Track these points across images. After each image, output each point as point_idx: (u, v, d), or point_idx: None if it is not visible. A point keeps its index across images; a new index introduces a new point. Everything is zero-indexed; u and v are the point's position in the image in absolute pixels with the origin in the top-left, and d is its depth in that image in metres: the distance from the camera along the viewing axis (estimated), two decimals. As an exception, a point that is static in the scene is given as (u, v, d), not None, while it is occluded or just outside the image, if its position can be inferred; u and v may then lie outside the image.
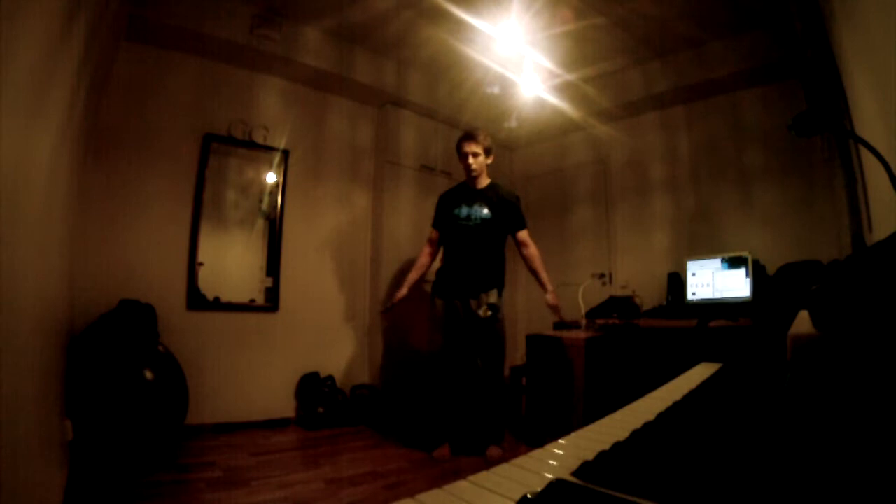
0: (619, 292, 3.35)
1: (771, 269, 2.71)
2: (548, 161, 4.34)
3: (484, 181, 2.56)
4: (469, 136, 2.50)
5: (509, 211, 2.53)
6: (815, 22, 1.91)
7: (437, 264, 2.65)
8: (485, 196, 2.52)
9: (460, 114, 3.80)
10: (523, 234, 2.54)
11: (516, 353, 3.64)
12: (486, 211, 2.48)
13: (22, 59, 0.82)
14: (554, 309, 2.54)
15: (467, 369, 2.42)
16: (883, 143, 1.01)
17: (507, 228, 2.54)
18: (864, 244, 1.75)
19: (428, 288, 2.71)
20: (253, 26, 2.78)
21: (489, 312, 2.41)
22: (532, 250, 2.53)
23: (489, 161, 2.55)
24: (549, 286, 2.50)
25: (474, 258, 2.46)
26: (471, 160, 2.48)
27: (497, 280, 2.49)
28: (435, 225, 2.63)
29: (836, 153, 2.23)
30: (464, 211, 2.49)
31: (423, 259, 2.61)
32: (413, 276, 2.58)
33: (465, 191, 2.57)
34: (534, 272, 2.54)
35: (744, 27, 2.88)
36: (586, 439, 0.58)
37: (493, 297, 2.44)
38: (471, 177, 2.54)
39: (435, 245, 2.63)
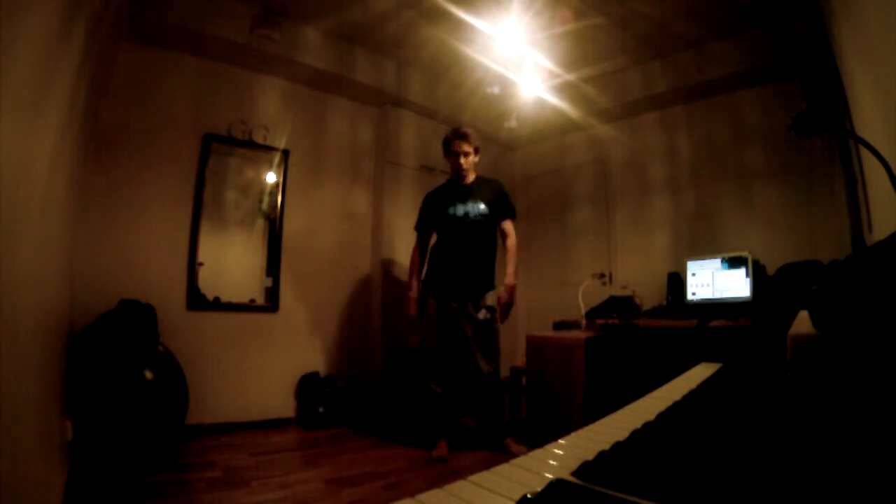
0: (619, 292, 3.35)
1: (771, 269, 2.71)
2: (548, 161, 4.34)
3: (471, 177, 2.55)
4: (461, 136, 2.48)
5: (502, 201, 2.53)
6: (815, 22, 1.91)
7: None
8: (477, 191, 2.52)
9: (460, 114, 3.80)
10: (509, 225, 2.52)
11: (516, 354, 3.64)
12: (482, 206, 2.48)
13: (22, 59, 0.82)
14: (503, 305, 2.42)
15: (466, 369, 2.44)
16: (883, 143, 1.01)
17: (496, 218, 2.52)
18: (864, 244, 1.75)
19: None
20: (253, 26, 2.78)
21: (489, 315, 2.45)
22: (511, 240, 2.51)
23: (477, 159, 2.54)
24: (513, 279, 2.44)
25: (474, 257, 2.47)
26: (462, 160, 2.47)
27: (491, 281, 2.53)
28: (421, 227, 2.60)
29: (836, 153, 2.23)
30: (460, 209, 2.47)
31: (415, 266, 2.58)
32: (415, 282, 2.55)
33: (455, 188, 2.54)
34: (507, 262, 2.49)
35: (744, 27, 2.88)
36: (586, 439, 0.58)
37: (490, 300, 2.49)
38: (460, 175, 2.52)
39: (423, 249, 2.61)
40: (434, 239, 2.62)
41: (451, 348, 2.44)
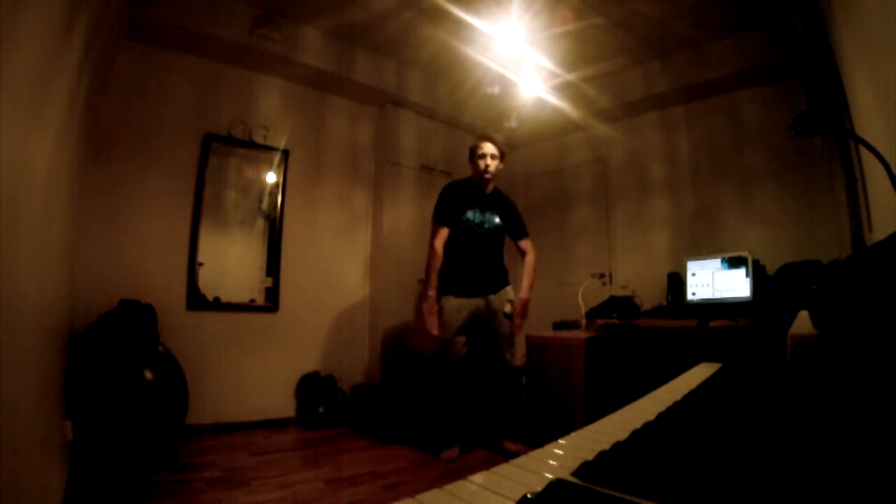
0: (619, 292, 3.35)
1: (771, 269, 2.71)
2: (548, 161, 4.33)
3: (491, 186, 2.55)
4: (490, 138, 2.48)
5: (516, 219, 2.60)
6: (815, 22, 1.91)
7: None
8: (494, 203, 2.54)
9: (460, 114, 3.80)
10: (527, 243, 2.61)
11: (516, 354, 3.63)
12: (497, 220, 2.52)
13: (22, 59, 0.81)
14: (515, 313, 2.45)
15: (493, 365, 2.46)
16: (883, 143, 1.01)
17: (511, 235, 2.61)
18: (864, 244, 1.75)
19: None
20: (253, 26, 2.78)
21: (512, 309, 2.49)
22: (531, 258, 2.59)
23: (501, 166, 2.53)
24: (527, 294, 2.50)
25: (488, 261, 2.51)
26: (489, 161, 2.46)
27: (506, 278, 2.58)
28: (444, 222, 2.44)
29: (836, 153, 2.23)
30: (477, 217, 2.47)
31: (439, 261, 2.40)
32: (436, 280, 2.40)
33: (475, 193, 2.51)
34: (524, 277, 2.55)
35: (744, 27, 2.88)
36: (586, 439, 0.58)
37: (511, 294, 2.52)
38: (484, 179, 2.49)
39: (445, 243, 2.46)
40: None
41: (480, 344, 2.43)
